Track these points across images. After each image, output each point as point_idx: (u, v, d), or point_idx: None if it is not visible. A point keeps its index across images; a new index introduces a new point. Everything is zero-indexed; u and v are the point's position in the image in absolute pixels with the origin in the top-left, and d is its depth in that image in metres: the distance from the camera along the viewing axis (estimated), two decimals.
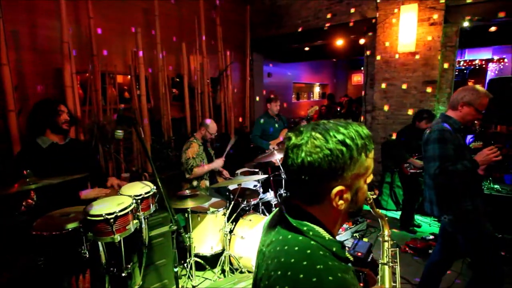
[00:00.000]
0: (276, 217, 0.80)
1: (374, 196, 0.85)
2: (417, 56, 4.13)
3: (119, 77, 3.96)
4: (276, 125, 4.12)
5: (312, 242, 0.68)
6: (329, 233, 0.72)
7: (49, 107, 2.09)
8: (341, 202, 0.70)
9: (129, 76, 3.97)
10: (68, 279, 1.63)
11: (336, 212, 0.72)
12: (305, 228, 0.70)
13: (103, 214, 1.60)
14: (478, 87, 1.99)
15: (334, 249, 0.68)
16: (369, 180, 0.75)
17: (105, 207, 1.68)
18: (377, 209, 0.93)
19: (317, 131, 0.68)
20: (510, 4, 3.66)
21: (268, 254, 0.72)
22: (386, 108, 4.46)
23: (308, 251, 0.66)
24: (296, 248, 0.67)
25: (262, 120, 4.11)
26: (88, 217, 1.61)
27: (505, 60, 7.85)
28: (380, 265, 0.90)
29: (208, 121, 3.35)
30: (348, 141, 0.66)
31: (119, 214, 1.64)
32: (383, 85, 4.44)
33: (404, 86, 4.26)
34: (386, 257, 0.90)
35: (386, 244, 0.92)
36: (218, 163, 3.35)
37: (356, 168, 0.68)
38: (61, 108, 2.11)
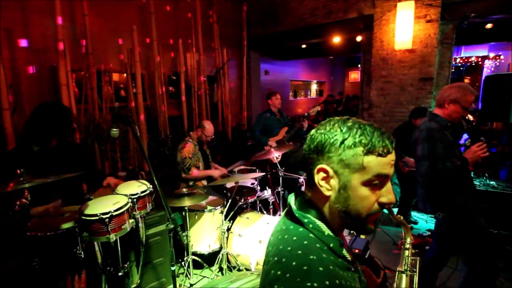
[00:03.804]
0: (287, 208, 0.84)
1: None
2: (414, 54, 4.13)
3: (115, 75, 3.94)
4: (278, 122, 4.08)
5: (311, 235, 0.70)
6: (330, 228, 0.73)
7: (66, 117, 1.96)
8: (324, 184, 0.70)
9: (125, 74, 3.95)
10: (63, 279, 1.62)
11: (323, 202, 0.73)
12: (306, 221, 0.72)
13: (98, 214, 1.59)
14: (464, 84, 2.00)
15: (331, 245, 0.69)
16: (383, 198, 0.70)
17: (100, 206, 1.66)
18: (398, 216, 0.89)
19: (342, 119, 0.73)
20: (506, 1, 3.67)
21: (272, 242, 0.76)
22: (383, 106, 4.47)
23: (305, 242, 0.68)
24: (295, 238, 0.69)
25: (265, 116, 4.06)
26: (83, 217, 1.60)
27: (501, 57, 7.88)
28: (397, 272, 0.87)
29: (206, 124, 3.28)
30: (345, 128, 0.69)
31: (114, 213, 1.63)
32: (380, 83, 4.44)
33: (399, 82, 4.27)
34: (404, 265, 0.87)
35: (406, 252, 0.89)
36: (217, 172, 3.29)
37: (345, 154, 0.67)
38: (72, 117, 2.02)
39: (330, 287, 0.60)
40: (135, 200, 1.87)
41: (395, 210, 4.09)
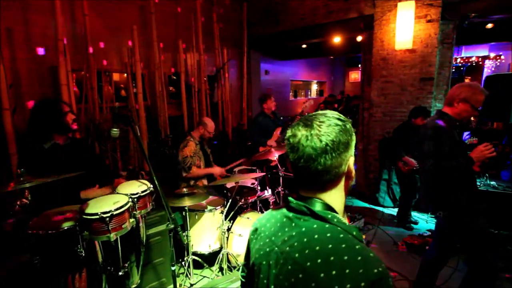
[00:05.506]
0: (285, 215, 0.80)
1: None
2: (414, 53, 4.13)
3: (115, 75, 3.94)
4: (273, 123, 4.12)
5: (339, 228, 0.70)
6: None
7: (52, 109, 1.98)
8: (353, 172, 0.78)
9: (125, 74, 3.95)
10: (64, 278, 1.62)
11: (347, 186, 0.78)
12: (329, 216, 0.72)
13: (99, 213, 1.59)
14: (474, 84, 2.00)
15: (354, 233, 0.71)
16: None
17: (101, 205, 1.67)
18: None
19: (318, 119, 0.74)
20: (507, 1, 3.67)
21: (289, 249, 0.72)
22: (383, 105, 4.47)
23: (341, 236, 0.68)
24: (329, 235, 0.69)
25: (259, 119, 4.11)
26: (84, 216, 1.60)
27: (502, 57, 7.87)
28: None
29: (206, 120, 3.31)
30: (341, 117, 0.76)
31: (115, 212, 1.63)
32: (380, 83, 4.44)
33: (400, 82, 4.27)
34: None
35: None
36: (217, 170, 3.30)
37: (354, 137, 0.77)
38: (65, 108, 2.04)
39: (386, 270, 0.63)
40: (135, 199, 1.87)
41: (395, 210, 4.09)
